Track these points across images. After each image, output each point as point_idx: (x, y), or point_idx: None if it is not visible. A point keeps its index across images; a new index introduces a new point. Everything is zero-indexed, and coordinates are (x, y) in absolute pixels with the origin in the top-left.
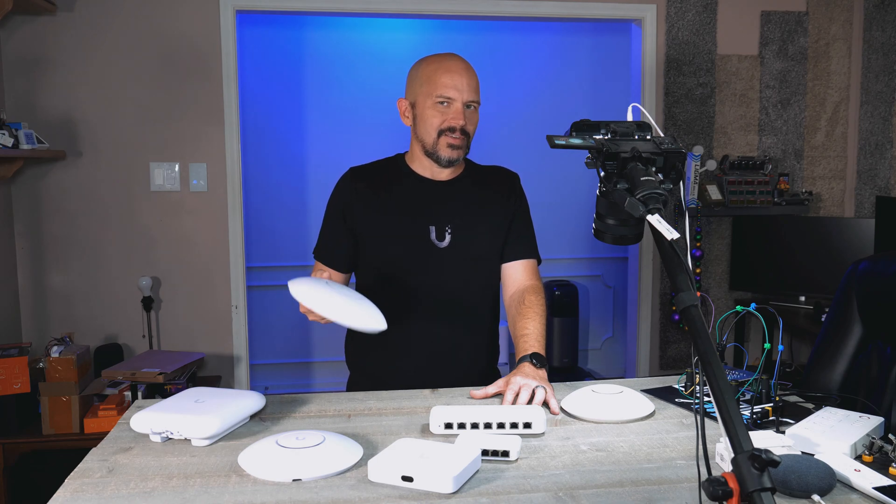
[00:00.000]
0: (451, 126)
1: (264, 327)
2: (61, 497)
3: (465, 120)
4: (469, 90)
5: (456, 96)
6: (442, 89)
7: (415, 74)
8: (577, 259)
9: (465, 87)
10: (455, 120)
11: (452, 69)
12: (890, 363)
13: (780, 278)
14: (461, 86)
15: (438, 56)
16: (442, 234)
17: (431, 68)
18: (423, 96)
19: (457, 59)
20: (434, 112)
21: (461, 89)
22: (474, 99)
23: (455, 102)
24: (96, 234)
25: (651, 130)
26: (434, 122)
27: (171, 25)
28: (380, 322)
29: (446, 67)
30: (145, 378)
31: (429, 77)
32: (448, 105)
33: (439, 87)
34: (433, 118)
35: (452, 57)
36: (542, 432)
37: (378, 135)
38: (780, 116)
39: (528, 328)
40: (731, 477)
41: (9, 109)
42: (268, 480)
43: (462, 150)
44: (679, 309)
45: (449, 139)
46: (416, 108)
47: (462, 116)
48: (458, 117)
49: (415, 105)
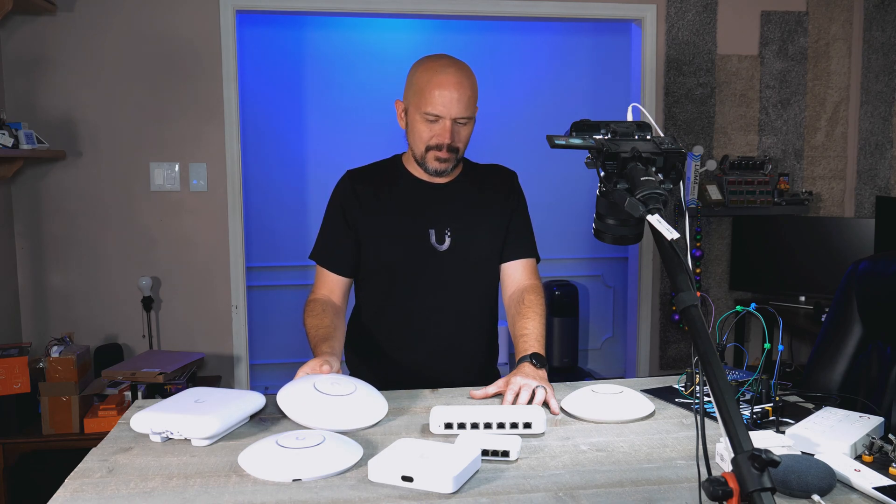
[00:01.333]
0: (438, 144)
1: (264, 327)
2: (61, 497)
3: (453, 137)
4: (459, 107)
5: (444, 113)
6: (430, 106)
7: (410, 79)
8: (577, 259)
9: (455, 103)
10: (441, 138)
11: (444, 84)
12: (890, 363)
13: (780, 278)
14: (450, 103)
15: (434, 64)
16: (442, 237)
17: (424, 79)
18: (413, 107)
19: (451, 70)
20: (423, 126)
21: (450, 106)
22: (464, 115)
23: (443, 120)
24: (96, 234)
25: (651, 130)
26: (423, 136)
27: (171, 25)
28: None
29: (438, 82)
30: (145, 378)
31: (420, 89)
32: (436, 121)
33: (428, 104)
34: (422, 132)
35: (447, 67)
36: (542, 432)
37: (378, 135)
38: (780, 116)
39: (528, 328)
40: (731, 477)
41: (9, 109)
42: (268, 480)
43: (450, 164)
44: (679, 309)
45: (435, 154)
46: (408, 115)
47: (449, 134)
48: (444, 135)
49: (408, 111)
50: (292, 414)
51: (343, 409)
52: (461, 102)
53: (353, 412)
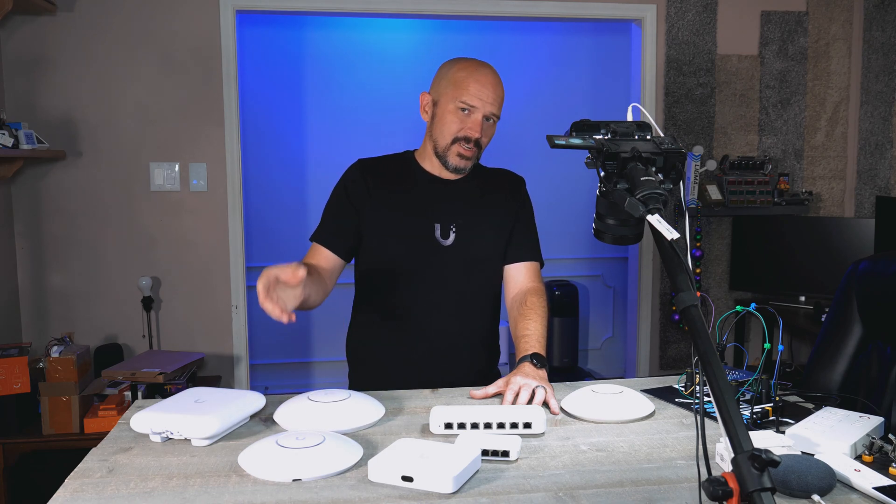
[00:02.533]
0: (467, 136)
1: (264, 327)
2: (61, 497)
3: (482, 132)
4: (493, 103)
5: (479, 106)
6: (467, 96)
7: (444, 73)
8: (577, 259)
9: (491, 99)
10: (472, 130)
11: (482, 80)
12: (890, 363)
13: (780, 278)
14: (486, 97)
15: (472, 62)
16: (447, 232)
17: (463, 73)
18: (446, 98)
19: (489, 69)
20: (454, 117)
21: (486, 101)
22: (495, 112)
23: (476, 112)
24: (96, 234)
25: (651, 130)
26: (452, 128)
27: (172, 25)
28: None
29: (477, 76)
30: (145, 378)
31: (458, 81)
32: (469, 113)
33: (465, 94)
34: (452, 123)
35: (485, 66)
36: (542, 432)
37: (378, 135)
38: (780, 116)
39: (529, 328)
40: (731, 477)
41: (9, 109)
42: (268, 480)
43: (472, 161)
44: (679, 309)
45: (461, 148)
46: (437, 107)
47: (479, 128)
48: (475, 128)
49: (437, 103)
50: (289, 426)
51: (339, 412)
52: (496, 100)
53: (349, 415)
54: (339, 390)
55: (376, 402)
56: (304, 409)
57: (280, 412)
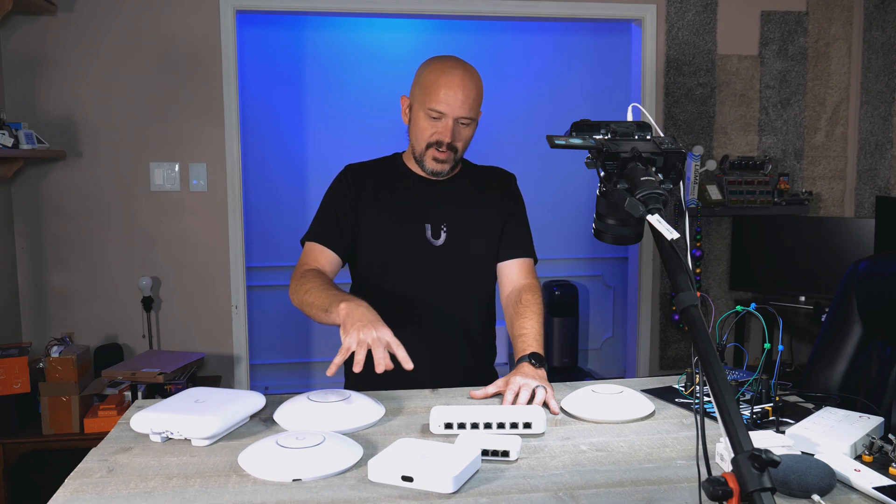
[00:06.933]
0: (438, 140)
1: (264, 327)
2: (61, 497)
3: (454, 136)
4: (463, 107)
5: (447, 111)
6: (435, 103)
7: (418, 77)
8: (577, 259)
9: (460, 103)
10: (442, 135)
11: (451, 83)
12: (890, 363)
13: (780, 278)
14: (455, 102)
15: (443, 64)
16: (437, 232)
17: (432, 77)
18: (418, 103)
19: (459, 71)
20: (425, 123)
21: (454, 106)
22: (468, 115)
23: (446, 118)
24: (96, 234)
25: (651, 130)
26: (424, 133)
27: (171, 25)
28: (369, 418)
29: (445, 81)
30: (145, 378)
31: (427, 86)
32: (438, 119)
33: (433, 100)
34: (424, 129)
35: (455, 68)
36: (542, 432)
37: (378, 135)
38: (780, 116)
39: (526, 327)
40: (731, 477)
41: (9, 109)
42: (268, 480)
43: (448, 164)
44: (679, 309)
45: (436, 153)
46: (412, 111)
47: (450, 133)
48: (445, 133)
49: (412, 108)
50: (289, 426)
51: (339, 413)
52: (465, 103)
53: (349, 415)
54: (339, 390)
55: (376, 402)
56: (304, 409)
57: (280, 412)
